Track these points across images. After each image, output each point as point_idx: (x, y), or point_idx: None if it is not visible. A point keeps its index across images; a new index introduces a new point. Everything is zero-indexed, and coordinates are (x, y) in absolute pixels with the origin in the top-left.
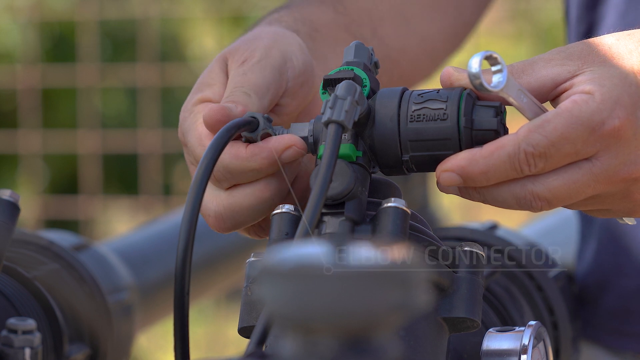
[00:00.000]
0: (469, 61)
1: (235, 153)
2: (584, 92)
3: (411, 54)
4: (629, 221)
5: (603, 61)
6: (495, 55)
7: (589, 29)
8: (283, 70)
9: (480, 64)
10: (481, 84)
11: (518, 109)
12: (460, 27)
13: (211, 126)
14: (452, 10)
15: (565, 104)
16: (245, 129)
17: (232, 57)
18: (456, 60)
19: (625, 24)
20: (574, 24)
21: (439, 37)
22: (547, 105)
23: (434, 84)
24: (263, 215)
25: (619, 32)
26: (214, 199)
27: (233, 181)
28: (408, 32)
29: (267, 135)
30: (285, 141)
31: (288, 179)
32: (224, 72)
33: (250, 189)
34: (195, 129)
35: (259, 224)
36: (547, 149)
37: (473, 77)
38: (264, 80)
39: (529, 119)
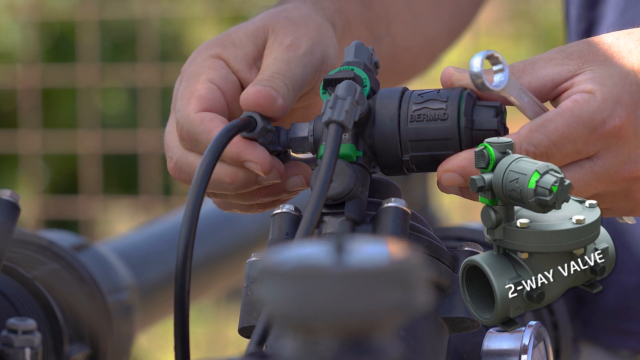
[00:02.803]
0: (470, 61)
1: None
2: (584, 91)
3: (414, 51)
4: (629, 220)
5: (603, 60)
6: (496, 54)
7: (589, 28)
8: (320, 73)
9: (482, 64)
10: (483, 83)
11: (519, 108)
12: (458, 23)
13: (249, 107)
14: (450, 6)
15: (566, 103)
16: (245, 130)
17: (274, 34)
18: (456, 60)
19: (624, 22)
20: (573, 22)
21: (440, 34)
22: (548, 104)
23: (433, 83)
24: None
25: (619, 31)
26: (181, 149)
27: (188, 147)
28: (414, 29)
29: (264, 131)
30: (255, 156)
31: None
32: (256, 44)
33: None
34: (192, 92)
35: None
36: (549, 149)
37: (475, 76)
38: (304, 78)
39: (530, 119)
